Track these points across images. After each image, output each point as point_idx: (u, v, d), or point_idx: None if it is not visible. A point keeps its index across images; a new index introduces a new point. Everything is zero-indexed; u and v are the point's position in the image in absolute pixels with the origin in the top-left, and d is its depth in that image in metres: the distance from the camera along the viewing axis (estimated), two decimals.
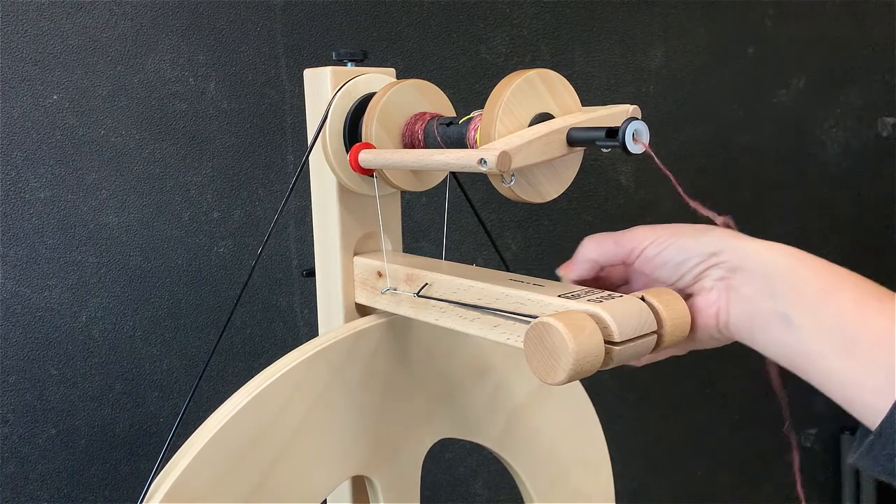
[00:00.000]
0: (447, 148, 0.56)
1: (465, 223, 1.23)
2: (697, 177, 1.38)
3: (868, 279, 0.45)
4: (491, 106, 0.49)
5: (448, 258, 0.62)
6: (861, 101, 1.53)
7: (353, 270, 0.63)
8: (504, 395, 0.70)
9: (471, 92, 1.21)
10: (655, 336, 0.47)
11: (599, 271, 0.55)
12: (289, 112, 1.12)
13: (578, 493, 0.77)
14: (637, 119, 0.46)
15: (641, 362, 0.52)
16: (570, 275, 0.55)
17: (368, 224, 0.64)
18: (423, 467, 0.67)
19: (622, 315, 0.46)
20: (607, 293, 0.49)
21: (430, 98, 0.60)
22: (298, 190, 0.89)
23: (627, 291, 0.51)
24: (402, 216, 0.66)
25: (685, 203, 0.50)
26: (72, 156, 1.03)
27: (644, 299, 0.48)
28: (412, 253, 0.66)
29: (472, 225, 1.22)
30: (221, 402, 0.56)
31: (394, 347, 0.63)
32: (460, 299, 0.54)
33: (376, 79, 0.61)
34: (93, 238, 1.05)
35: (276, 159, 1.12)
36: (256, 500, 0.56)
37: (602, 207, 1.34)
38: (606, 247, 0.53)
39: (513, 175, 0.49)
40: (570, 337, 0.43)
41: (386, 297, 0.60)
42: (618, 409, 1.42)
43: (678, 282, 0.51)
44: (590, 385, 0.72)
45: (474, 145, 0.53)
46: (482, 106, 0.51)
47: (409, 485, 0.66)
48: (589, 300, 0.47)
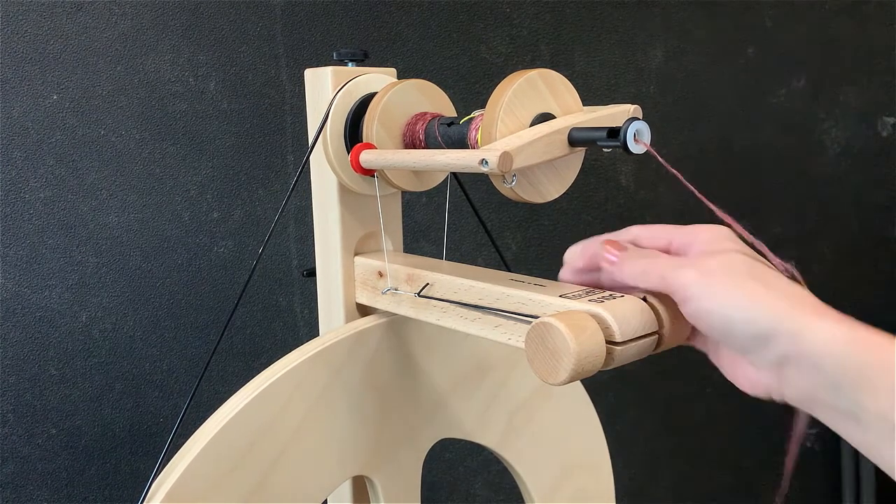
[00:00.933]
0: (448, 148, 0.56)
1: (466, 223, 1.23)
2: (697, 177, 1.38)
3: None
4: (492, 106, 0.49)
5: (448, 258, 0.62)
6: (861, 101, 1.53)
7: (354, 270, 0.63)
8: (504, 395, 0.70)
9: (471, 92, 1.21)
10: (657, 336, 0.47)
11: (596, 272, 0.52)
12: (289, 112, 1.12)
13: (578, 493, 0.77)
14: (638, 119, 0.46)
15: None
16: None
17: (369, 224, 0.64)
18: (423, 467, 0.67)
19: (623, 315, 0.46)
20: (608, 293, 0.48)
21: (430, 98, 0.60)
22: (298, 190, 0.89)
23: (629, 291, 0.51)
24: (403, 216, 0.66)
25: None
26: (72, 156, 1.03)
27: (646, 299, 0.48)
28: (412, 253, 0.66)
29: (473, 225, 1.22)
30: (221, 402, 0.55)
31: (394, 348, 0.63)
32: (461, 299, 0.54)
33: (377, 79, 0.61)
34: (93, 238, 1.05)
35: (276, 159, 1.12)
36: (257, 500, 0.56)
37: (602, 207, 1.34)
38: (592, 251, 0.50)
39: (514, 175, 0.49)
40: (572, 337, 0.43)
41: (387, 297, 0.60)
42: (618, 409, 1.42)
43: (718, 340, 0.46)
44: (590, 385, 0.72)
45: (475, 145, 0.53)
46: (483, 106, 0.51)
47: (409, 485, 0.66)
48: (590, 300, 0.47)
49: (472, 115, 0.55)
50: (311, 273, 0.67)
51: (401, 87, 0.58)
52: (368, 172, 0.59)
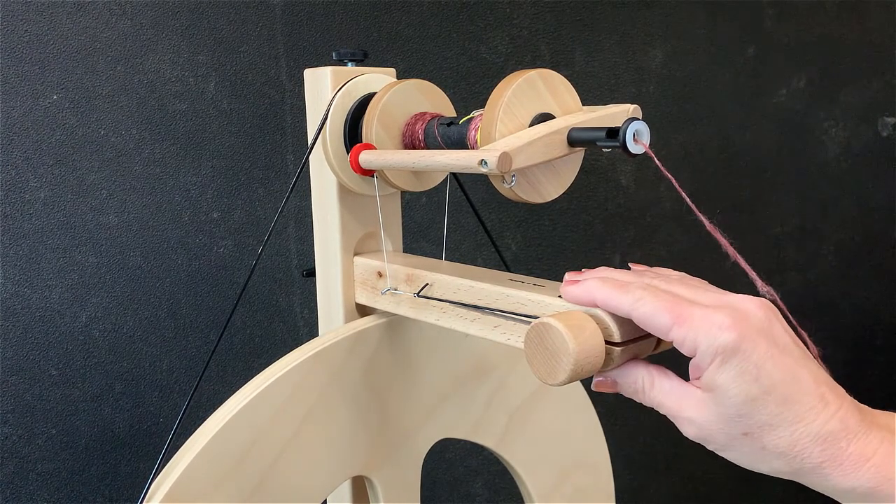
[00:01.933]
0: (447, 148, 0.56)
1: (465, 223, 1.23)
2: (697, 177, 1.38)
3: None
4: (492, 106, 0.49)
5: (448, 258, 0.62)
6: (861, 101, 1.53)
7: (354, 270, 0.63)
8: (504, 395, 0.70)
9: (471, 92, 1.21)
10: (656, 337, 0.47)
11: None
12: (289, 112, 1.12)
13: (578, 493, 0.77)
14: (638, 119, 0.46)
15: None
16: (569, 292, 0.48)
17: (368, 224, 0.64)
18: (423, 467, 0.67)
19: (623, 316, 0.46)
20: None
21: (430, 98, 0.60)
22: (298, 190, 0.89)
23: None
24: (402, 216, 0.66)
25: (684, 203, 0.49)
26: (72, 156, 1.03)
27: None
28: (412, 253, 0.66)
29: (472, 225, 1.22)
30: (221, 402, 0.56)
31: (394, 348, 0.63)
32: (461, 299, 0.54)
33: (376, 79, 0.61)
34: (93, 238, 1.05)
35: (276, 159, 1.12)
36: (256, 500, 0.56)
37: (602, 207, 1.34)
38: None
39: (513, 175, 0.49)
40: (571, 337, 0.43)
41: (386, 297, 0.60)
42: (618, 409, 1.42)
43: None
44: (590, 385, 0.72)
45: (475, 145, 0.53)
46: (482, 106, 0.51)
47: (409, 485, 0.66)
48: None
49: (471, 115, 0.55)
50: (311, 273, 0.67)
51: (400, 87, 0.58)
52: (368, 173, 0.59)
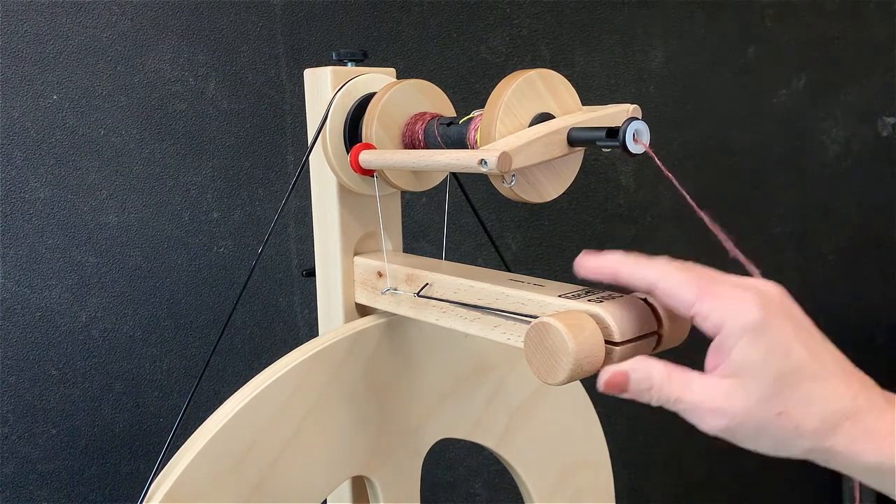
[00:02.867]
0: (447, 148, 0.56)
1: (465, 223, 1.23)
2: (697, 177, 1.38)
3: None
4: (491, 106, 0.49)
5: (448, 258, 0.62)
6: (861, 101, 1.53)
7: (354, 270, 0.63)
8: (504, 395, 0.70)
9: (471, 92, 1.21)
10: (656, 336, 0.47)
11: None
12: (289, 112, 1.12)
13: (578, 493, 0.77)
14: (637, 119, 0.46)
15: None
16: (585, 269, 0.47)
17: (368, 224, 0.64)
18: (423, 467, 0.67)
19: (622, 315, 0.46)
20: (608, 293, 0.48)
21: (430, 98, 0.60)
22: (298, 190, 0.89)
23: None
24: (402, 216, 0.66)
25: (684, 202, 0.49)
26: (72, 156, 1.03)
27: (645, 300, 0.48)
28: (412, 253, 0.66)
29: (472, 225, 1.22)
30: (221, 402, 0.55)
31: (394, 348, 0.63)
32: (460, 299, 0.54)
33: (376, 79, 0.61)
34: (93, 238, 1.05)
35: (276, 159, 1.12)
36: (256, 500, 0.56)
37: (602, 207, 1.34)
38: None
39: (513, 175, 0.49)
40: (570, 337, 0.43)
41: (386, 297, 0.60)
42: (618, 409, 1.42)
43: None
44: (590, 385, 0.72)
45: (474, 145, 0.53)
46: (482, 106, 0.51)
47: (409, 485, 0.66)
48: (589, 300, 0.47)
49: (471, 115, 0.55)
50: (311, 273, 0.67)
51: (400, 87, 0.58)
52: (368, 172, 0.59)
